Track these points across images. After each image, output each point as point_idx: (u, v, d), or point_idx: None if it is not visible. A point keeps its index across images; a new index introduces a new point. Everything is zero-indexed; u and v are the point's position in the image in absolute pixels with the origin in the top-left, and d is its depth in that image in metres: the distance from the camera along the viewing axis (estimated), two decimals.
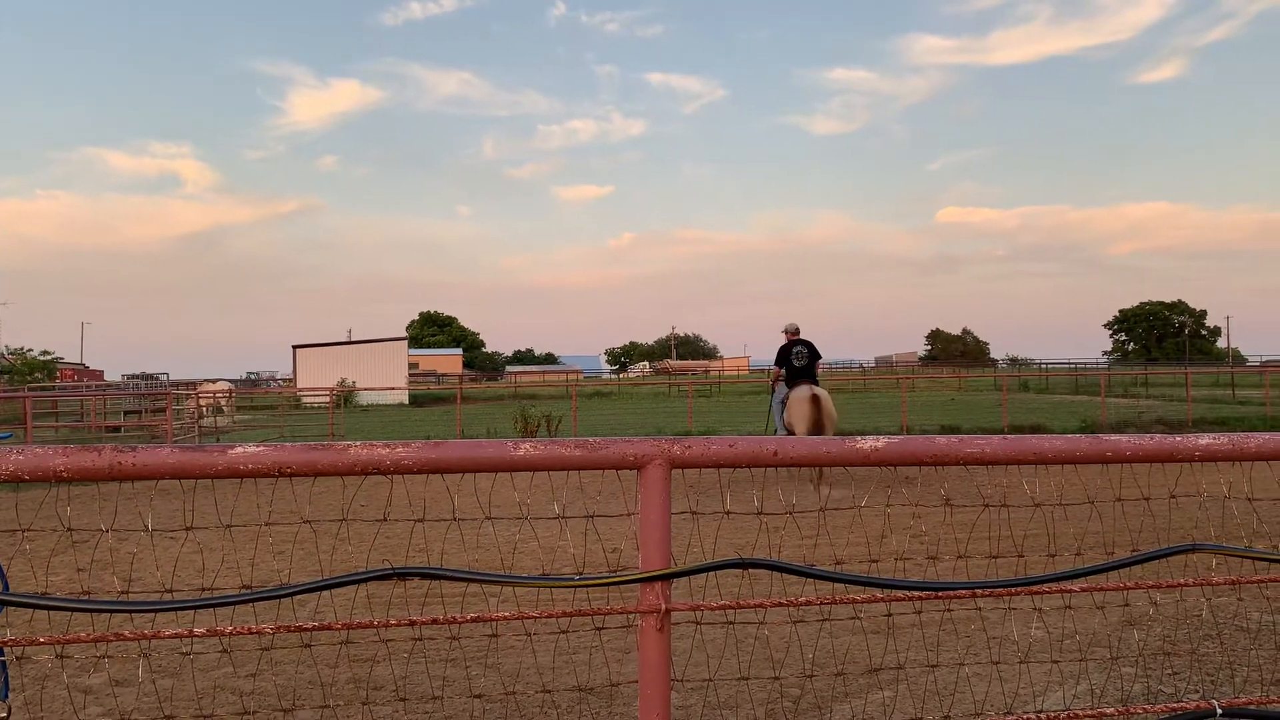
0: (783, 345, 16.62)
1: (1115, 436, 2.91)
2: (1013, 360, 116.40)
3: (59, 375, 65.08)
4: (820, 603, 2.87)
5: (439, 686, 5.36)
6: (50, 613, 2.40)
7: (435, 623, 2.58)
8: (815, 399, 15.06)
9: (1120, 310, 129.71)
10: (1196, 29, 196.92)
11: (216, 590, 2.56)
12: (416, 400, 53.25)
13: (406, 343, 63.26)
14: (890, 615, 5.75)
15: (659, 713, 2.58)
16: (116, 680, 5.66)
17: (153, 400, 35.10)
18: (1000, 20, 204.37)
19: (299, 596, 2.41)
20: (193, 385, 48.33)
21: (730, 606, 2.79)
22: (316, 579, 2.51)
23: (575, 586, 2.62)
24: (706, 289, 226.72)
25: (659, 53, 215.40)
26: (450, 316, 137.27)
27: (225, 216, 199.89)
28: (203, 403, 34.44)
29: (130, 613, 2.38)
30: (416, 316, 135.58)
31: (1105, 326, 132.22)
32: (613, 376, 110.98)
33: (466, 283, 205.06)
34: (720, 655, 5.61)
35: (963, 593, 2.94)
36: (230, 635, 2.51)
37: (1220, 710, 2.95)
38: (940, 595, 2.99)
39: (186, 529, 2.82)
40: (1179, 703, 4.89)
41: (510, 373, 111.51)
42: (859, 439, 2.78)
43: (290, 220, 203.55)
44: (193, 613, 2.37)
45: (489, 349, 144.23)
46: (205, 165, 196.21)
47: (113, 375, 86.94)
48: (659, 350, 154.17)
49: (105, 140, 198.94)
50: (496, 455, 2.57)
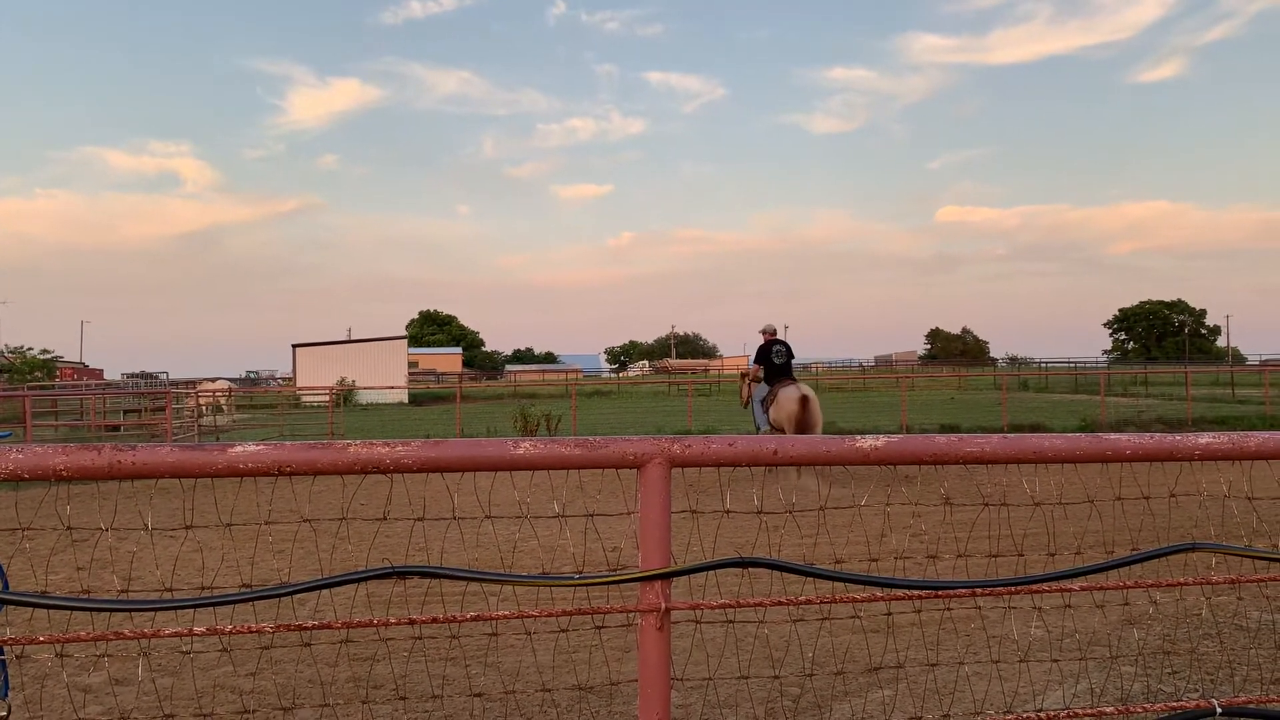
0: (762, 345, 17.33)
1: (1115, 435, 2.91)
2: (1012, 359, 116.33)
3: (58, 374, 65.08)
4: (820, 601, 2.87)
5: (439, 685, 5.36)
6: (50, 611, 2.40)
7: (435, 621, 2.58)
8: (805, 399, 15.69)
9: (1120, 309, 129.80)
10: (1196, 28, 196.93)
11: (216, 589, 2.56)
12: (416, 399, 53.23)
13: (406, 342, 63.24)
14: (890, 614, 5.75)
15: (659, 711, 2.58)
16: (116, 679, 5.66)
17: (152, 399, 35.11)
18: (1000, 19, 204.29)
19: (299, 595, 2.41)
20: (192, 384, 48.32)
21: (730, 605, 2.79)
22: (316, 578, 2.51)
23: (575, 585, 2.62)
24: (706, 288, 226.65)
25: (658, 52, 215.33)
26: (450, 315, 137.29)
27: (225, 215, 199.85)
28: (202, 402, 34.44)
29: (130, 611, 2.38)
30: (416, 315, 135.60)
31: (1105, 326, 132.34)
32: (612, 376, 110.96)
33: (466, 282, 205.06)
34: (720, 654, 5.61)
35: (962, 592, 2.94)
36: (230, 634, 2.51)
37: (1220, 709, 2.95)
38: (940, 594, 2.99)
39: (186, 528, 2.82)
40: (1178, 702, 4.89)
41: (510, 372, 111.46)
42: (858, 438, 2.78)
43: (290, 219, 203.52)
44: (193, 611, 2.37)
45: (488, 348, 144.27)
46: (205, 164, 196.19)
47: (112, 374, 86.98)
48: (658, 349, 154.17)
49: (104, 139, 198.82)
50: (496, 454, 2.57)
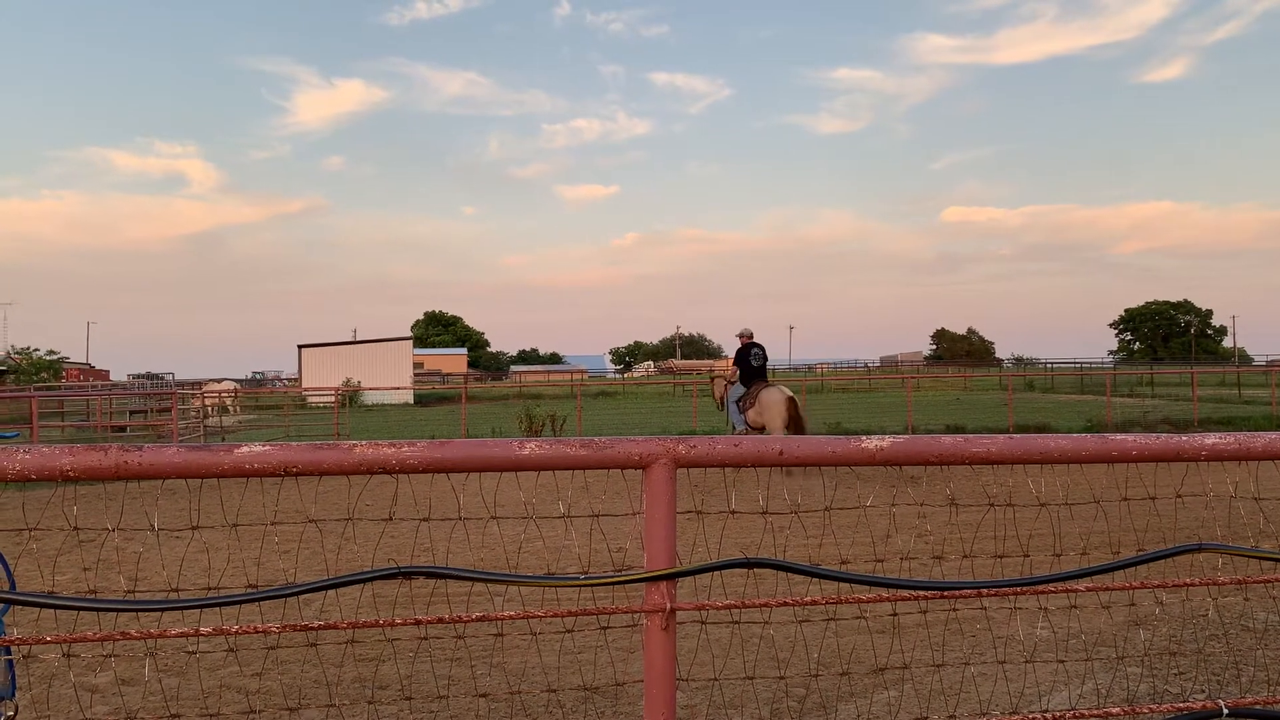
0: (740, 348, 18.04)
1: (1121, 436, 2.91)
2: (1018, 360, 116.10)
3: (65, 375, 65.20)
4: (825, 602, 2.86)
5: (444, 686, 5.36)
6: (57, 612, 2.41)
7: (440, 622, 2.59)
8: (792, 400, 16.76)
9: (1126, 309, 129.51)
10: (1202, 28, 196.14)
11: (223, 589, 2.56)
12: (421, 400, 53.27)
13: (411, 342, 63.28)
14: (896, 615, 5.74)
15: (664, 712, 2.58)
16: (123, 679, 5.67)
17: (158, 400, 35.18)
18: (1005, 19, 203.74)
19: (304, 595, 2.42)
20: (198, 385, 48.39)
21: (735, 606, 2.79)
22: (322, 578, 2.51)
23: (580, 586, 2.62)
24: (711, 288, 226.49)
25: (664, 52, 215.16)
26: (455, 316, 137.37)
27: (231, 216, 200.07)
28: (208, 402, 34.50)
29: (137, 612, 2.39)
30: (421, 316, 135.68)
31: (1111, 326, 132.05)
32: (617, 376, 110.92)
33: (471, 282, 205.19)
34: (725, 655, 5.61)
35: (968, 592, 2.94)
36: (236, 634, 2.51)
37: (1226, 710, 2.94)
38: (946, 595, 2.98)
39: (193, 528, 2.83)
40: (1185, 703, 4.88)
41: (515, 372, 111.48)
42: (864, 439, 2.78)
43: (296, 220, 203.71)
44: (199, 612, 2.38)
45: (493, 349, 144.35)
46: (210, 165, 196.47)
47: (118, 375, 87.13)
48: (663, 350, 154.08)
49: (110, 139, 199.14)
50: (502, 455, 2.57)
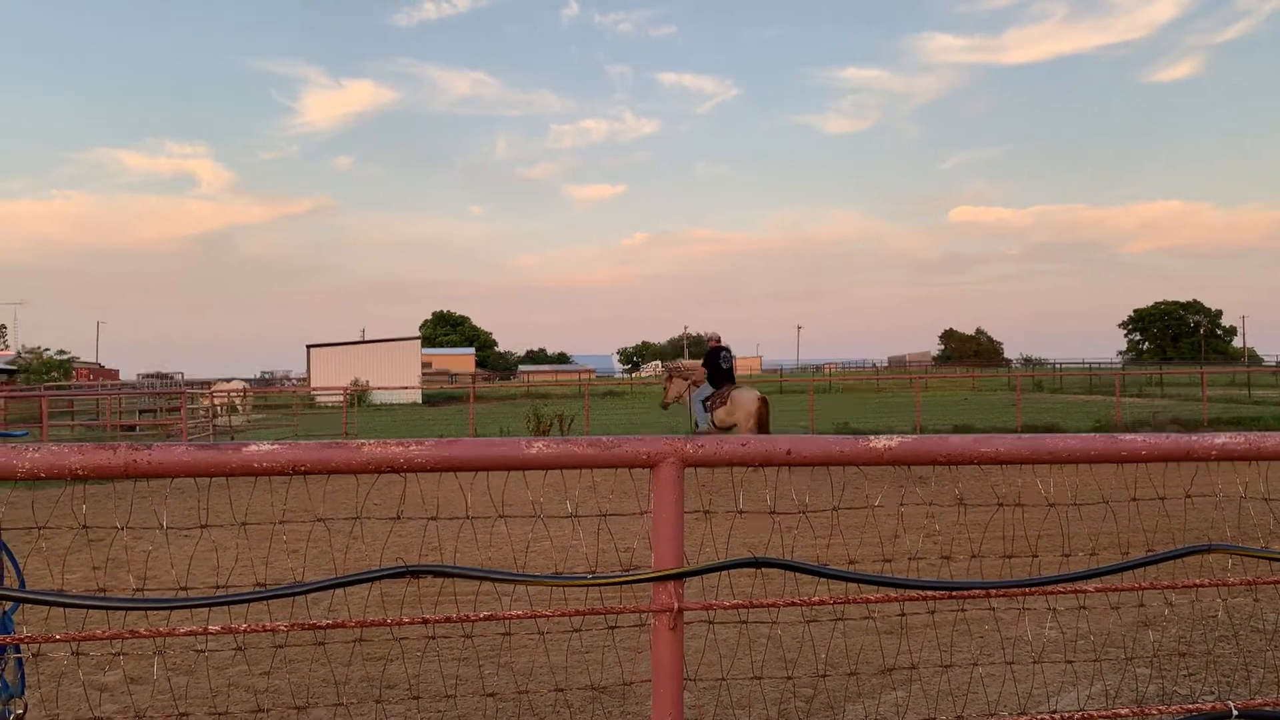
0: (710, 350, 19.29)
1: (1130, 436, 2.89)
2: (1026, 360, 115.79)
3: (75, 374, 65.42)
4: (833, 602, 2.86)
5: (452, 685, 5.37)
6: (66, 610, 2.42)
7: (448, 621, 2.59)
8: (764, 400, 18.31)
9: (1135, 310, 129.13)
10: (1211, 28, 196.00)
11: (231, 588, 2.57)
12: (430, 400, 53.32)
13: (419, 342, 63.38)
14: (904, 615, 5.73)
15: (671, 711, 2.58)
16: (132, 678, 5.68)
17: (168, 399, 35.27)
18: (1014, 19, 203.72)
19: (313, 594, 2.42)
20: (207, 384, 48.50)
21: (743, 606, 2.78)
22: (330, 577, 2.51)
23: (588, 585, 2.62)
24: (718, 288, 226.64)
25: (672, 52, 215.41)
26: (463, 316, 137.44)
27: (240, 216, 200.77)
28: (217, 402, 34.58)
29: (145, 610, 2.39)
30: (429, 316, 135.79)
31: (1120, 326, 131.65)
32: (625, 376, 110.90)
33: (479, 282, 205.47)
34: (733, 655, 5.60)
35: (976, 593, 2.93)
36: (245, 633, 2.52)
37: (1236, 711, 2.93)
38: (954, 595, 2.98)
39: (201, 527, 2.83)
40: (1194, 704, 4.87)
41: (523, 372, 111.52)
42: (873, 438, 2.77)
43: (304, 220, 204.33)
44: (207, 610, 2.38)
45: (501, 348, 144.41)
46: (220, 165, 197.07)
47: (128, 374, 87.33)
48: (671, 350, 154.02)
49: (120, 140, 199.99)
50: (509, 454, 2.57)
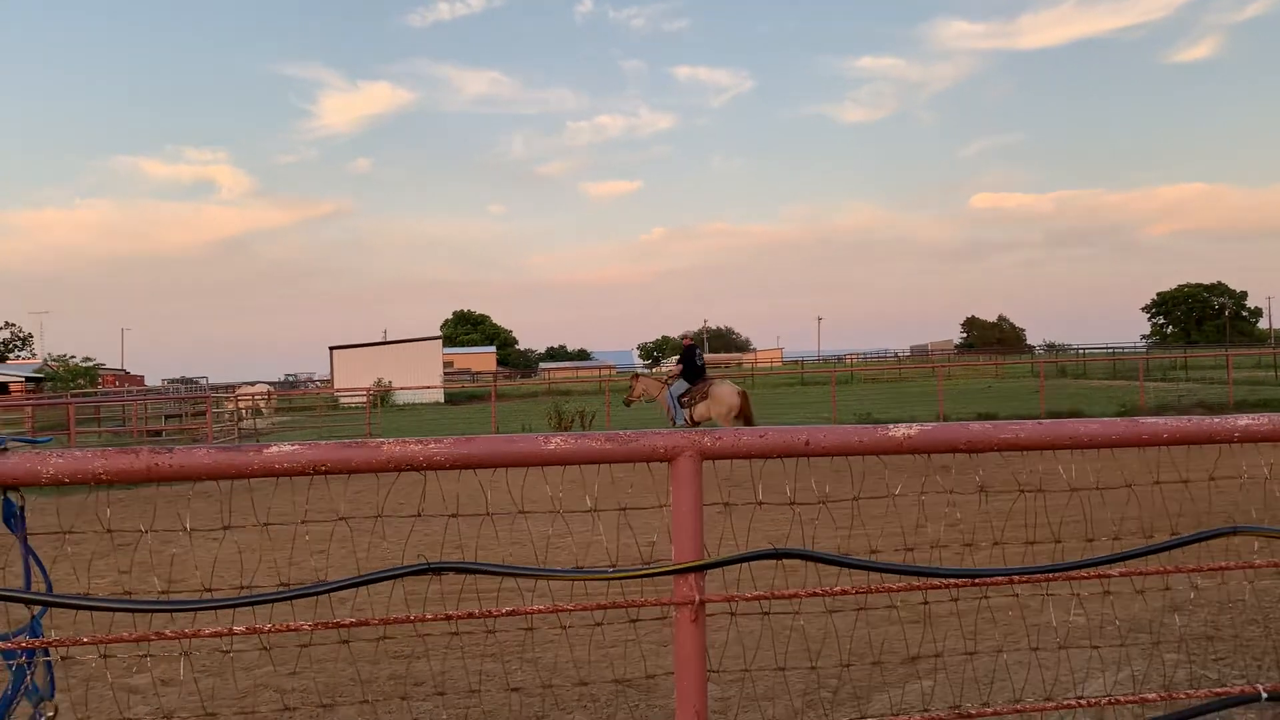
0: (686, 349, 20.32)
1: (1152, 419, 2.88)
2: (1050, 346, 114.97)
3: (101, 381, 65.95)
4: (855, 592, 2.86)
5: (477, 681, 5.39)
6: (94, 613, 2.45)
7: (471, 617, 2.60)
8: (744, 394, 19.42)
9: (1158, 293, 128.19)
10: (1232, 6, 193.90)
11: (255, 589, 2.59)
12: (452, 399, 53.50)
13: (441, 342, 63.58)
14: (926, 603, 5.71)
15: (695, 702, 2.59)
16: (162, 680, 5.74)
17: (193, 404, 35.52)
18: (1029, 3, 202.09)
19: (337, 594, 2.44)
20: (232, 388, 48.83)
21: (764, 597, 2.79)
22: (353, 575, 2.53)
23: (609, 579, 2.63)
24: (737, 281, 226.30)
25: (686, 46, 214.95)
26: (483, 315, 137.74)
27: (260, 221, 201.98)
28: (242, 405, 34.82)
29: (171, 612, 2.42)
30: (450, 315, 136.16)
31: (1143, 310, 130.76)
32: (646, 371, 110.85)
33: (498, 281, 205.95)
34: (756, 646, 5.60)
35: (1000, 580, 2.92)
36: (269, 633, 2.54)
37: (1265, 694, 2.91)
38: (977, 582, 2.97)
39: (224, 528, 2.86)
40: (1223, 688, 4.83)
41: (543, 369, 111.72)
42: (891, 427, 2.77)
43: (324, 223, 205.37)
44: (232, 611, 2.40)
45: (521, 346, 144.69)
46: (240, 170, 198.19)
47: (153, 380, 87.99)
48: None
49: (141, 148, 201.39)
50: (528, 450, 2.58)
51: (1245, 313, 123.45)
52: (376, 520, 3.11)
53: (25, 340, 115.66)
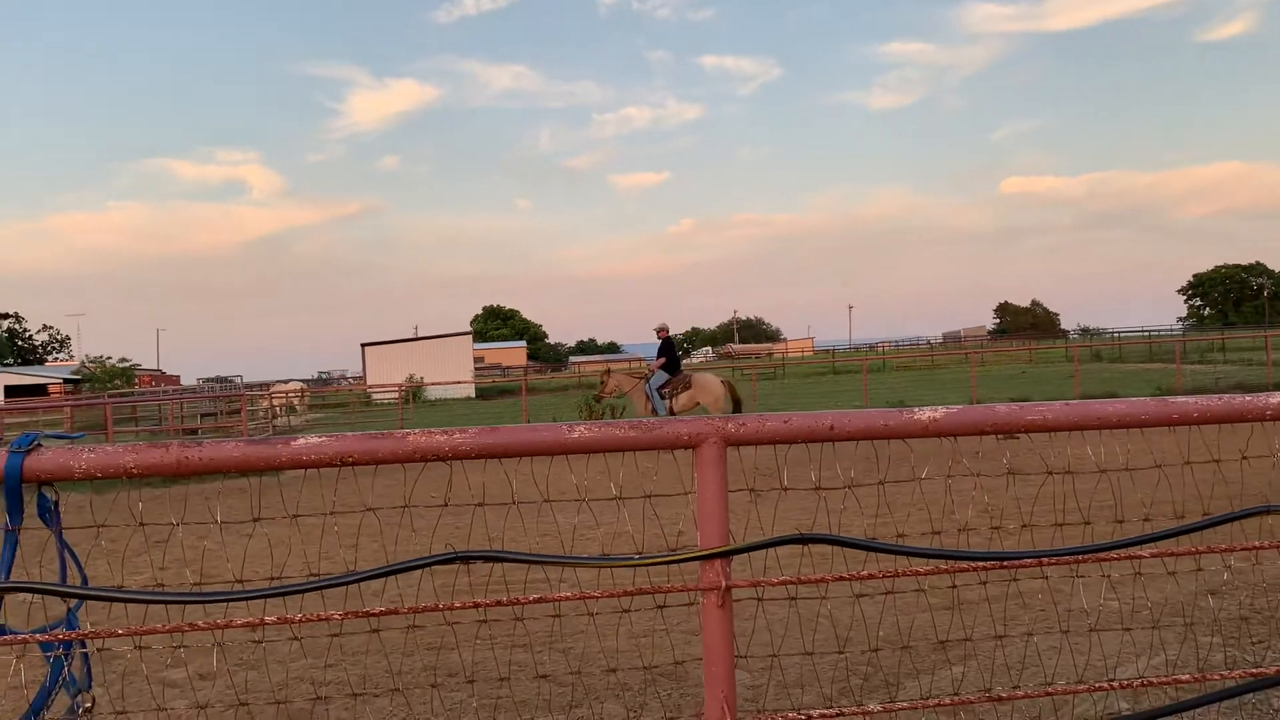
0: (666, 341, 20.80)
1: (1181, 399, 2.85)
2: (1084, 330, 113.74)
3: (137, 381, 66.76)
4: (882, 575, 2.85)
5: (507, 669, 5.43)
6: (128, 606, 2.49)
7: (499, 605, 2.62)
8: (728, 382, 20.16)
9: (1194, 275, 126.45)
10: None
11: (286, 579, 2.63)
12: (483, 394, 53.72)
13: (471, 337, 63.83)
14: (955, 588, 5.68)
15: (724, 687, 2.60)
16: (198, 674, 5.82)
17: (228, 403, 35.89)
18: None
19: (368, 585, 2.47)
20: (266, 387, 49.26)
21: (790, 582, 2.79)
22: (382, 565, 2.56)
23: (635, 566, 2.64)
24: (767, 271, 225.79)
25: (712, 35, 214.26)
26: (513, 310, 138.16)
27: (290, 220, 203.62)
28: (276, 403, 35.14)
29: (204, 603, 2.45)
30: (480, 310, 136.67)
31: (1179, 292, 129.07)
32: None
33: (527, 275, 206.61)
34: (784, 633, 5.60)
35: (1029, 562, 2.91)
36: (300, 622, 2.57)
37: None
38: (1005, 565, 2.96)
39: (255, 519, 2.89)
40: (1259, 669, 4.78)
41: (574, 363, 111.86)
42: (917, 410, 2.76)
43: (354, 221, 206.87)
44: (264, 602, 2.44)
45: (551, 340, 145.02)
46: (270, 170, 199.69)
47: (189, 380, 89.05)
48: (722, 335, 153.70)
49: (172, 150, 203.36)
50: (552, 438, 2.60)
51: None
52: (404, 511, 3.13)
53: (63, 342, 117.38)
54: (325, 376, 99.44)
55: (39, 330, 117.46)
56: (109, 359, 66.14)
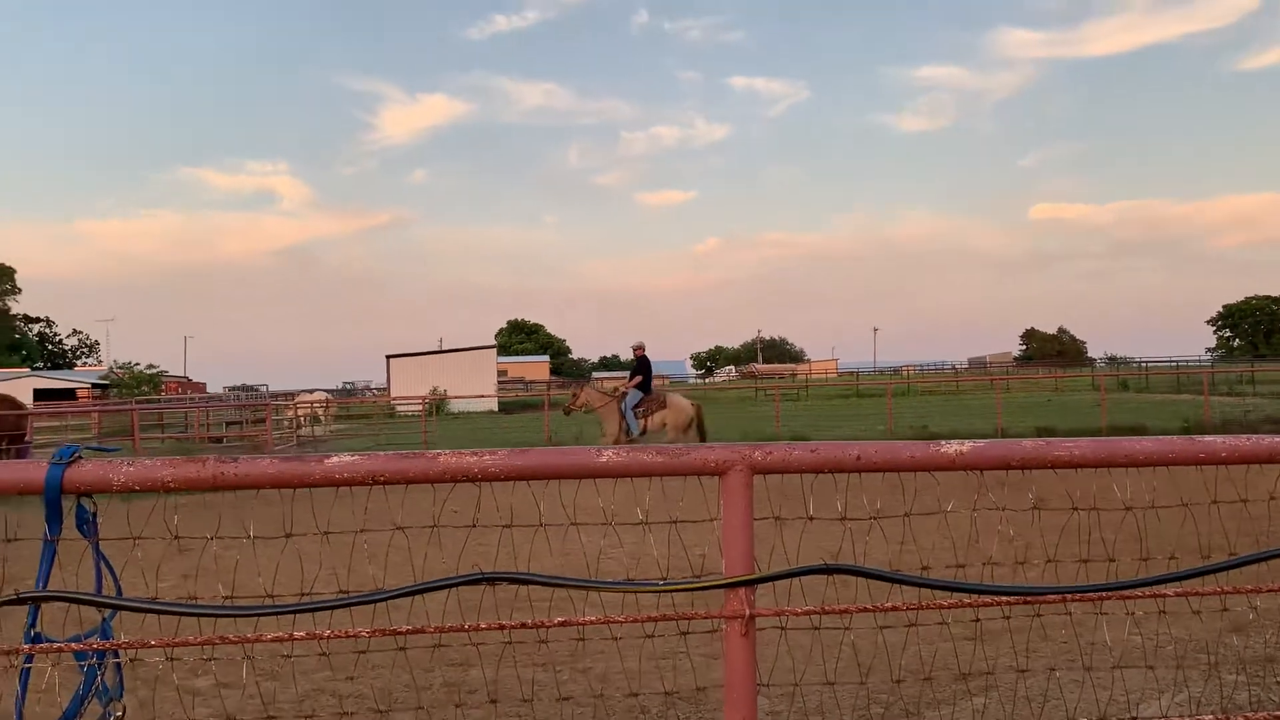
0: (642, 359, 20.86)
1: (1210, 438, 2.85)
2: (1111, 359, 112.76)
3: (164, 388, 67.33)
4: (906, 608, 2.86)
5: (529, 689, 5.44)
6: (160, 617, 2.53)
7: (524, 627, 2.65)
8: (698, 405, 20.77)
9: (1224, 305, 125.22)
10: None
11: (315, 595, 2.67)
12: (505, 407, 53.83)
13: (495, 350, 64.03)
14: (979, 620, 5.66)
15: (745, 716, 2.61)
16: (223, 683, 5.87)
17: (253, 411, 36.14)
18: (1092, 10, 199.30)
19: (394, 601, 2.50)
20: (291, 396, 49.57)
21: (815, 612, 2.80)
22: (410, 584, 2.59)
23: (660, 592, 2.66)
24: (792, 291, 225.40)
25: (741, 57, 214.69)
26: (537, 324, 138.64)
27: (320, 230, 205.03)
28: (300, 413, 35.35)
29: (234, 617, 2.49)
30: (504, 324, 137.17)
31: (1208, 323, 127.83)
32: (698, 381, 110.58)
33: (552, 289, 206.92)
34: (807, 660, 5.59)
35: (1052, 598, 2.91)
36: (328, 639, 2.61)
37: None
38: (1029, 600, 2.96)
39: (286, 535, 2.93)
40: None
41: (596, 379, 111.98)
42: (943, 443, 2.78)
43: (382, 233, 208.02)
44: (293, 617, 2.48)
45: (575, 355, 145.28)
46: (300, 181, 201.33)
47: (215, 387, 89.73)
48: (744, 354, 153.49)
49: (203, 159, 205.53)
50: (581, 463, 2.63)
51: None
52: (433, 530, 3.17)
53: (92, 347, 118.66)
54: (350, 387, 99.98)
55: (69, 335, 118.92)
56: (137, 365, 66.75)
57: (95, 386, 71.27)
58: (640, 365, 20.91)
